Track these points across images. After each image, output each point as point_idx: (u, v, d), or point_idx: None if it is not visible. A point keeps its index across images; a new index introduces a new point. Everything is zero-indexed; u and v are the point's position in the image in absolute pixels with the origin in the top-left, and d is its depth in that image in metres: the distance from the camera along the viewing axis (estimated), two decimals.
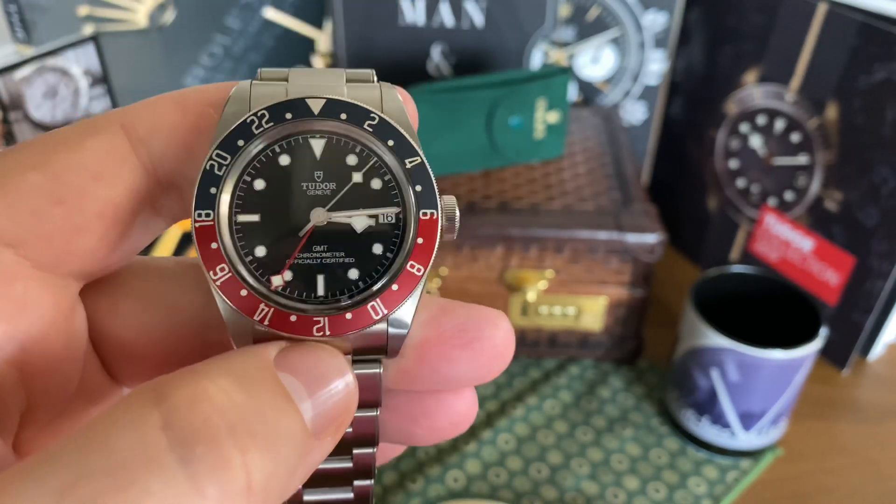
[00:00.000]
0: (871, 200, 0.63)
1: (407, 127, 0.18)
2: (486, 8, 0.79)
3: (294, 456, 0.15)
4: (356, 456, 0.19)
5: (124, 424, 0.13)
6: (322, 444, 0.16)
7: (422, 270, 0.17)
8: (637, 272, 0.65)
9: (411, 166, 0.18)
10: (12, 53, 0.61)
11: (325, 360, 0.16)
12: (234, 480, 0.13)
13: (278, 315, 0.17)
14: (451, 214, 0.18)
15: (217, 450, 0.13)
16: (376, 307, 0.17)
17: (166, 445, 0.13)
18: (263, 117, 0.17)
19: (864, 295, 0.66)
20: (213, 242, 0.17)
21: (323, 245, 0.17)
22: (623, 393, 0.67)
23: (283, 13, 0.80)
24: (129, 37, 0.68)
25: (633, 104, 0.84)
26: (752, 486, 0.59)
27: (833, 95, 0.64)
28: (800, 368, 0.56)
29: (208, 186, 0.17)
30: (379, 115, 0.17)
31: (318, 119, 0.17)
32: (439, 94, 0.67)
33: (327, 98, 0.17)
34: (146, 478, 0.13)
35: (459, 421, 0.20)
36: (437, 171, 0.70)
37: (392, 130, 0.18)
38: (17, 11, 0.60)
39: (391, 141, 0.17)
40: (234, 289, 0.17)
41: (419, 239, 0.18)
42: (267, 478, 0.14)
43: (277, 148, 0.17)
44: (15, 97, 0.60)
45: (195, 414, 0.14)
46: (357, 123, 0.17)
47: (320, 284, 0.17)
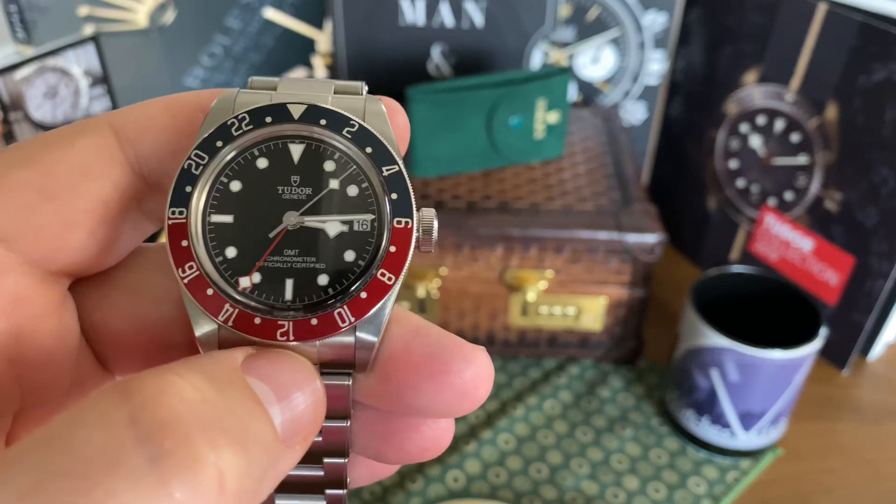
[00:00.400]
0: (870, 200, 0.63)
1: (387, 136, 0.18)
2: (486, 8, 0.79)
3: (265, 459, 0.15)
4: (326, 465, 0.19)
5: (89, 422, 0.13)
6: (291, 452, 0.15)
7: (393, 279, 0.17)
8: (637, 272, 0.65)
9: (388, 174, 0.17)
10: (13, 53, 0.61)
11: (294, 367, 0.16)
12: (205, 479, 0.13)
13: (242, 317, 0.17)
14: (429, 227, 0.18)
15: (187, 446, 0.13)
16: (343, 314, 0.17)
17: (133, 443, 0.13)
18: (244, 120, 0.17)
19: (864, 295, 0.66)
20: (184, 240, 0.17)
21: (294, 249, 0.17)
22: (623, 393, 0.67)
23: (283, 13, 0.80)
24: (130, 37, 0.68)
25: (633, 104, 0.84)
26: (751, 486, 0.59)
27: (833, 95, 0.64)
28: (800, 368, 0.56)
29: (184, 185, 0.17)
30: (359, 123, 0.17)
31: (297, 124, 0.17)
32: (439, 94, 0.67)
33: (308, 104, 0.17)
34: (112, 478, 0.12)
35: (429, 447, 0.19)
36: (437, 171, 0.70)
37: (371, 138, 0.17)
38: (18, 11, 0.60)
39: (369, 148, 0.17)
40: (200, 287, 0.17)
41: (392, 247, 0.17)
42: (239, 478, 0.13)
43: (256, 151, 0.17)
44: (15, 97, 0.60)
45: (163, 408, 0.13)
46: (336, 130, 0.17)
47: (288, 288, 0.17)
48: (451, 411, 0.18)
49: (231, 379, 0.15)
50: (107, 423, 0.13)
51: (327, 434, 0.18)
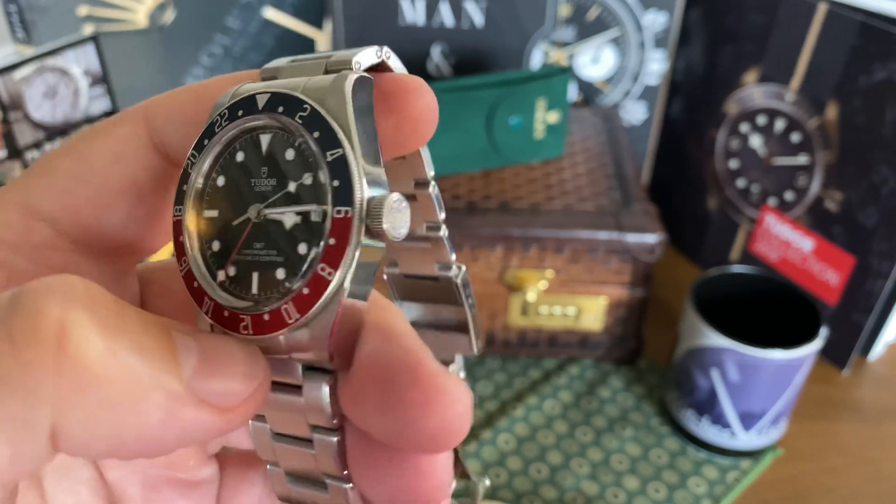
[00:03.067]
0: (871, 200, 0.63)
1: (340, 118, 0.16)
2: (486, 8, 0.79)
3: (146, 374, 0.14)
4: (331, 488, 0.18)
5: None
6: (200, 412, 0.15)
7: (332, 274, 0.16)
8: (637, 272, 0.65)
9: (332, 159, 0.16)
10: (12, 53, 0.61)
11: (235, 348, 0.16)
12: (46, 335, 0.13)
13: (217, 309, 0.17)
14: (376, 214, 0.16)
15: (39, 302, 0.13)
16: (289, 310, 0.16)
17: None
18: (224, 116, 0.17)
19: (865, 295, 0.66)
20: (181, 236, 0.18)
21: (261, 242, 0.17)
22: (623, 393, 0.67)
23: (283, 13, 0.80)
24: (129, 37, 0.68)
25: (633, 104, 0.84)
26: (752, 487, 0.59)
27: (833, 95, 0.64)
28: (800, 368, 0.56)
29: (182, 183, 0.18)
30: (311, 106, 0.16)
31: (261, 114, 0.17)
32: (439, 94, 0.66)
33: (272, 92, 0.17)
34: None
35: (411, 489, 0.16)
36: (437, 171, 0.70)
37: (320, 121, 0.16)
38: (17, 11, 0.60)
39: (317, 132, 0.16)
40: (190, 280, 0.17)
41: (331, 240, 0.16)
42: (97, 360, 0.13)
43: (237, 145, 0.18)
44: (15, 97, 0.60)
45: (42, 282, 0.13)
46: (291, 115, 0.17)
47: (255, 282, 0.17)
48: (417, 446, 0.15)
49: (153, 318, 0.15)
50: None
51: (318, 448, 0.18)
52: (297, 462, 0.18)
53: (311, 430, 0.18)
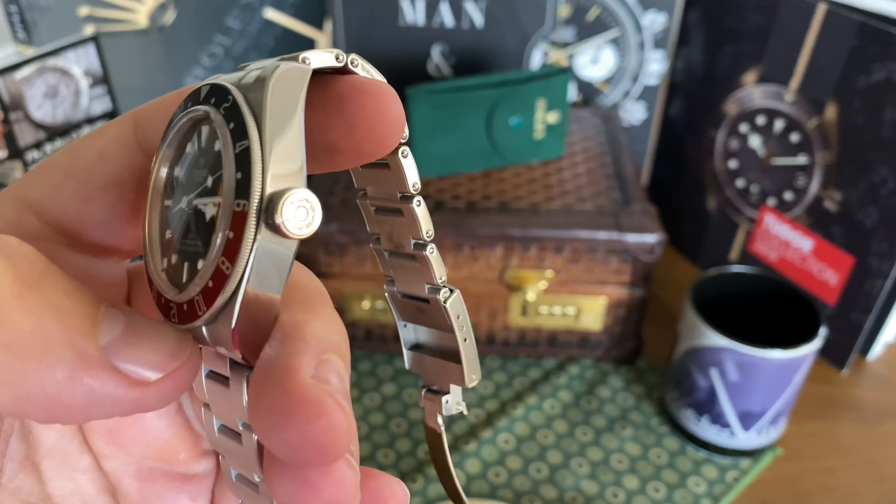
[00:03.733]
0: (870, 200, 0.63)
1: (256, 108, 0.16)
2: (486, 8, 0.79)
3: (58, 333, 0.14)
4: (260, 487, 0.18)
5: None
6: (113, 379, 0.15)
7: (230, 269, 0.15)
8: (637, 272, 0.65)
9: (238, 151, 0.16)
10: (13, 53, 0.61)
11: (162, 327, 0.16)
12: None
13: (158, 296, 0.17)
14: (272, 211, 0.15)
15: None
16: (199, 302, 0.16)
17: None
18: (181, 108, 0.18)
19: (864, 295, 0.66)
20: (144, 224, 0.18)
21: (192, 232, 0.17)
22: (623, 393, 0.67)
23: (283, 13, 0.80)
24: (130, 37, 0.68)
25: (633, 104, 0.84)
26: (751, 486, 0.60)
27: (832, 96, 0.64)
28: (799, 368, 0.57)
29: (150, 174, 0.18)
30: (234, 98, 0.16)
31: (200, 105, 0.17)
32: (439, 94, 0.67)
33: (211, 84, 0.17)
34: None
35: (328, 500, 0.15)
36: (437, 171, 0.70)
37: (236, 113, 0.16)
38: (18, 12, 0.60)
39: (232, 124, 0.16)
40: (146, 267, 0.18)
41: (230, 232, 0.15)
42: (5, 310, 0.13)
43: (190, 136, 0.18)
44: (15, 97, 0.60)
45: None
46: (217, 107, 0.16)
47: (185, 271, 0.17)
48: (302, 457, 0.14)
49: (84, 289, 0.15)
50: None
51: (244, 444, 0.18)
52: (234, 458, 0.18)
53: (240, 425, 0.17)
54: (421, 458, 0.61)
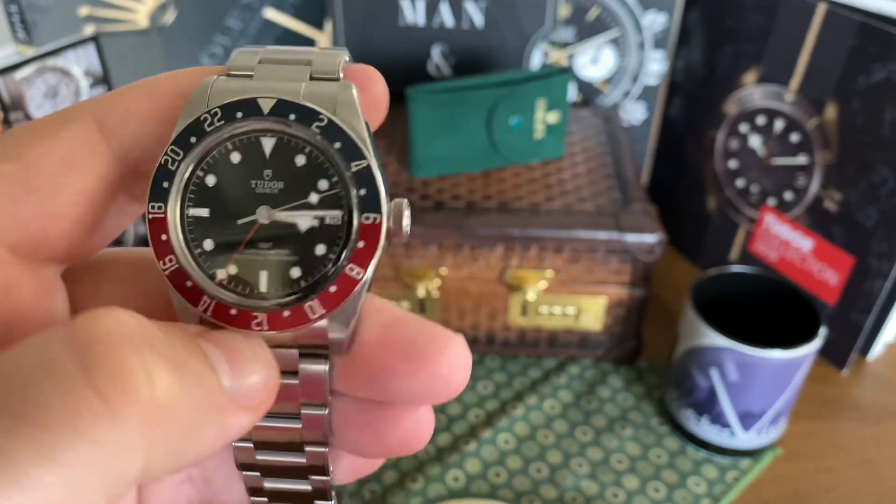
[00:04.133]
0: (870, 200, 0.63)
1: (357, 129, 0.18)
2: (486, 8, 0.79)
3: (204, 397, 0.15)
4: (308, 454, 0.19)
5: (30, 343, 0.13)
6: (240, 414, 0.16)
7: (361, 274, 0.17)
8: (637, 272, 0.65)
9: (356, 170, 0.18)
10: (13, 53, 0.61)
11: (248, 342, 0.17)
12: (134, 384, 0.13)
13: (219, 308, 0.17)
14: (399, 218, 0.18)
15: (118, 354, 0.13)
16: (313, 307, 0.17)
17: (66, 353, 0.13)
18: (216, 115, 0.17)
19: (864, 295, 0.66)
20: (164, 234, 0.17)
21: (268, 242, 0.18)
22: (623, 393, 0.67)
23: (283, 13, 0.80)
24: (130, 37, 0.68)
25: (633, 104, 0.84)
26: (751, 486, 0.60)
27: (832, 96, 0.64)
28: (799, 368, 0.57)
29: (162, 181, 0.17)
30: (328, 118, 0.17)
31: (267, 118, 0.17)
32: (439, 94, 0.67)
33: (278, 98, 0.18)
34: (43, 382, 0.13)
35: (410, 439, 0.19)
36: (437, 171, 0.70)
37: (340, 133, 0.18)
38: (18, 12, 0.60)
39: (338, 143, 0.17)
40: (180, 279, 0.17)
41: (360, 243, 0.17)
42: (172, 397, 0.14)
43: (230, 145, 0.18)
44: (16, 97, 0.60)
45: (100, 326, 0.13)
46: (306, 124, 0.17)
47: (263, 281, 0.18)
48: (428, 397, 0.18)
49: (181, 334, 0.15)
50: (45, 341, 0.13)
51: (307, 422, 0.19)
52: (276, 435, 0.19)
53: (300, 407, 0.19)
54: (421, 458, 0.61)
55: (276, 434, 0.19)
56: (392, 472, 0.60)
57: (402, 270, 0.66)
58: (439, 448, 0.62)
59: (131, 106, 0.18)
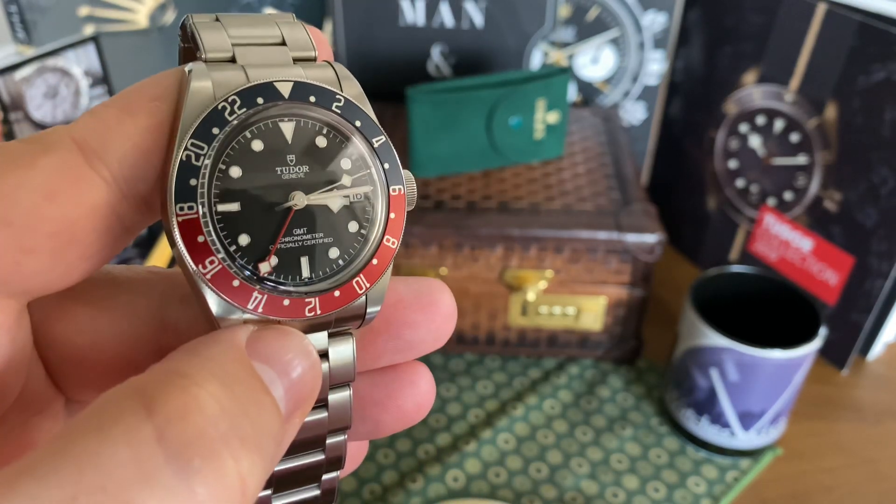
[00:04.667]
0: (870, 200, 0.63)
1: (369, 108, 0.19)
2: (486, 8, 0.79)
3: (274, 447, 0.16)
4: (329, 447, 0.20)
5: (116, 438, 0.13)
6: (292, 426, 0.16)
7: (395, 243, 0.18)
8: (637, 272, 0.65)
9: (378, 145, 0.18)
10: (13, 54, 0.61)
11: (293, 344, 0.17)
12: (230, 488, 0.14)
13: (271, 301, 0.17)
14: (412, 189, 0.19)
15: (214, 460, 0.14)
16: (360, 282, 0.18)
17: (163, 460, 0.13)
18: (235, 103, 0.17)
19: (864, 295, 0.66)
20: (200, 236, 0.16)
21: (303, 227, 0.18)
22: (622, 393, 0.67)
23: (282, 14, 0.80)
24: (130, 37, 0.68)
25: (633, 104, 0.84)
26: (751, 486, 0.60)
27: (832, 96, 0.64)
28: (799, 368, 0.57)
29: (187, 178, 0.16)
30: (344, 98, 0.18)
31: (288, 102, 0.17)
32: (439, 94, 0.67)
33: (295, 81, 0.17)
34: (144, 494, 0.13)
35: (422, 401, 0.21)
36: (437, 171, 0.70)
37: (358, 112, 0.18)
38: (18, 12, 0.60)
39: (358, 122, 0.18)
40: (225, 280, 0.16)
41: (391, 214, 0.18)
42: (258, 478, 0.15)
43: (248, 133, 0.17)
44: (15, 97, 0.60)
45: (190, 425, 0.14)
46: (325, 106, 0.18)
47: (304, 266, 0.18)
48: (441, 337, 0.21)
49: (243, 375, 0.15)
50: (134, 439, 0.13)
51: (333, 406, 0.19)
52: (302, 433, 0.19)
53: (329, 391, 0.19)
54: (421, 458, 0.61)
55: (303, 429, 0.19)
56: (392, 472, 0.60)
57: (403, 270, 0.66)
58: (439, 448, 0.62)
59: (109, 122, 0.17)
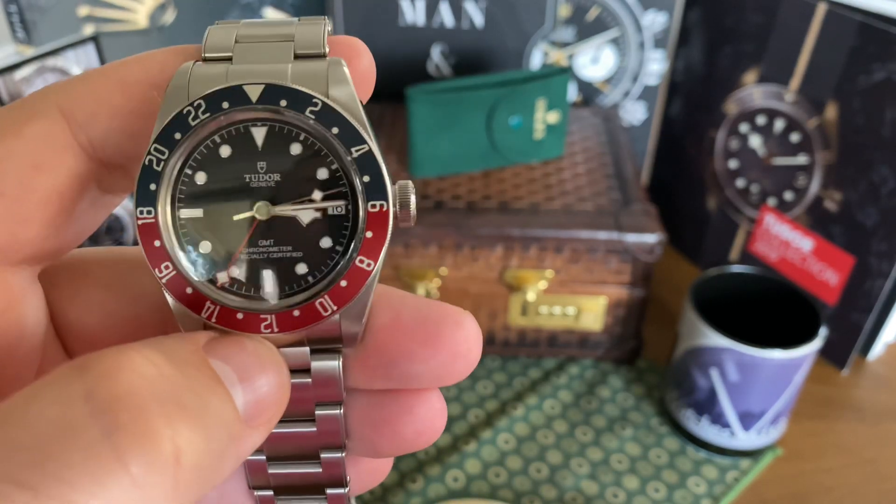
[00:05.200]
0: (870, 200, 0.63)
1: (355, 112, 0.16)
2: (486, 8, 0.79)
3: (225, 437, 0.14)
4: (324, 461, 0.19)
5: (45, 396, 0.13)
6: (254, 433, 0.15)
7: (372, 265, 0.17)
8: (637, 272, 0.65)
9: (357, 155, 0.16)
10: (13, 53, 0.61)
11: (257, 351, 0.16)
12: (160, 452, 0.13)
13: (224, 312, 0.16)
14: (406, 201, 0.17)
15: (142, 419, 0.13)
16: (325, 304, 0.17)
17: (87, 416, 0.12)
18: (200, 107, 0.16)
19: (864, 295, 0.66)
20: (157, 240, 0.16)
21: (269, 239, 0.17)
22: (622, 393, 0.67)
23: (283, 13, 0.80)
24: (130, 37, 0.68)
25: (633, 104, 0.84)
26: (751, 486, 0.59)
27: (832, 95, 0.64)
28: (799, 368, 0.56)
29: (148, 183, 0.16)
30: (322, 101, 0.16)
31: (255, 107, 0.16)
32: (439, 94, 0.67)
33: (266, 84, 0.16)
34: (67, 452, 0.12)
35: (423, 430, 0.19)
36: (437, 171, 0.70)
37: (336, 117, 0.16)
38: (18, 12, 0.60)
39: (335, 128, 0.16)
40: (179, 286, 0.16)
41: (368, 232, 0.16)
42: (197, 454, 0.13)
43: (218, 138, 0.16)
44: (15, 97, 0.60)
45: (119, 382, 0.13)
46: (298, 110, 0.16)
47: (267, 280, 0.17)
48: (447, 376, 0.18)
49: (191, 358, 0.15)
50: (62, 397, 0.13)
51: (322, 424, 0.18)
52: (290, 442, 0.18)
53: (314, 408, 0.18)
54: (421, 458, 0.61)
55: (290, 442, 0.18)
56: (392, 472, 0.60)
57: (402, 270, 0.65)
58: (439, 448, 0.62)
59: (101, 99, 0.17)
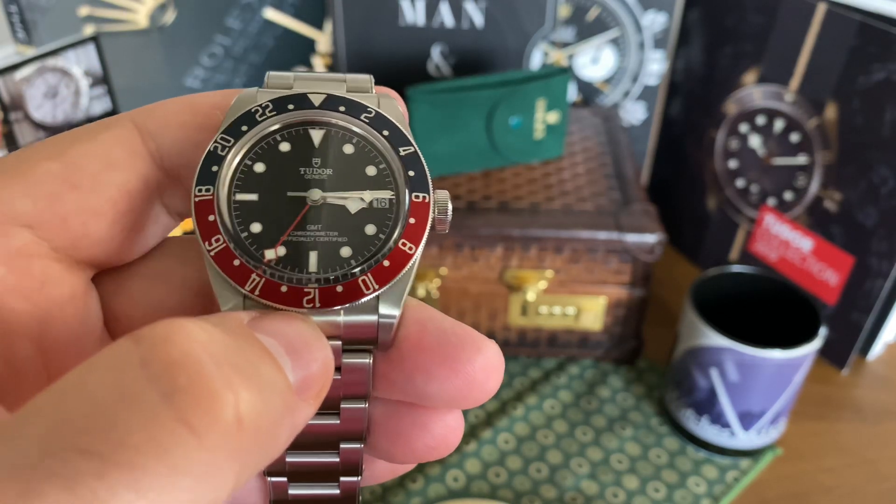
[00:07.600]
0: (870, 200, 0.63)
1: (401, 122, 0.19)
2: (486, 8, 0.79)
3: (280, 404, 0.14)
4: (343, 451, 0.19)
5: (101, 367, 0.13)
6: (305, 405, 0.15)
7: (413, 249, 0.18)
8: (637, 272, 0.65)
9: (405, 154, 0.19)
10: (13, 54, 0.61)
11: (301, 326, 0.16)
12: (223, 412, 0.13)
13: (269, 285, 0.17)
14: (444, 208, 0.19)
15: (201, 380, 0.13)
16: (367, 281, 0.17)
17: (144, 380, 0.12)
18: (267, 108, 0.18)
19: (864, 295, 0.66)
20: (211, 215, 0.17)
21: (317, 224, 0.18)
22: (622, 393, 0.67)
23: (283, 13, 0.80)
24: (130, 37, 0.68)
25: (633, 104, 0.84)
26: (751, 486, 0.60)
27: (832, 96, 0.64)
28: (799, 368, 0.57)
29: (210, 165, 0.18)
30: (375, 110, 0.19)
31: (317, 110, 0.19)
32: (439, 94, 0.67)
33: (327, 94, 0.19)
34: (126, 415, 0.12)
35: (437, 446, 0.19)
36: (437, 171, 0.70)
37: (387, 122, 0.19)
38: (18, 12, 0.60)
39: (386, 131, 0.19)
40: (227, 259, 0.17)
41: (411, 219, 0.18)
42: (257, 418, 0.13)
43: (279, 136, 0.18)
44: (15, 97, 0.60)
45: (174, 347, 0.13)
46: (354, 115, 0.19)
47: (312, 260, 0.18)
48: (461, 400, 0.18)
49: (241, 330, 0.15)
50: (117, 366, 0.13)
51: (346, 417, 0.19)
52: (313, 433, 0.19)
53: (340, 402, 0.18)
54: None
55: (312, 431, 0.18)
56: None
57: None
58: None
59: (171, 113, 0.19)
